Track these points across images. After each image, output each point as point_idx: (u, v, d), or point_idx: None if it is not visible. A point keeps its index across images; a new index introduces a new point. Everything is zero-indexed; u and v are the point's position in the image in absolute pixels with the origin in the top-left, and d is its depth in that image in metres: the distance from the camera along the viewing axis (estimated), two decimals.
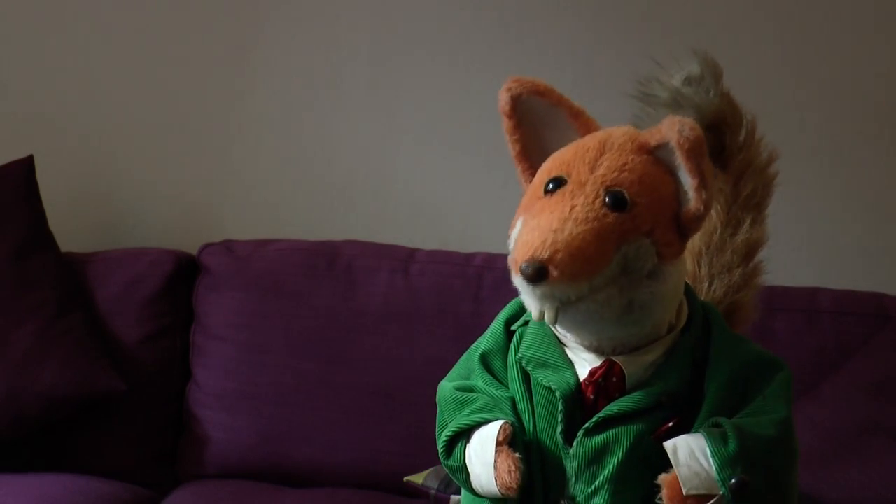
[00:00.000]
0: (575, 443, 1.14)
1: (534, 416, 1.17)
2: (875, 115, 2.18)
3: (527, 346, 1.20)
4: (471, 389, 1.22)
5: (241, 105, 2.35)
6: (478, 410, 1.18)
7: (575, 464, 1.14)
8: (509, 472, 1.12)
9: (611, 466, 1.13)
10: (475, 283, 2.02)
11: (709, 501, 1.09)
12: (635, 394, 1.14)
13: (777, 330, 1.92)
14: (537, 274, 1.06)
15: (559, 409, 1.15)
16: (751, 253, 1.35)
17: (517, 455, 1.13)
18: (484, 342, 1.26)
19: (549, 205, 1.11)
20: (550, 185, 1.14)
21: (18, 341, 1.97)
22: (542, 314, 1.10)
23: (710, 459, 1.09)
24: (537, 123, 1.19)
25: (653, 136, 1.14)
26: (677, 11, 2.22)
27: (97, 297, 2.08)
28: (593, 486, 1.13)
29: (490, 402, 1.19)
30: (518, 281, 1.10)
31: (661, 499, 1.10)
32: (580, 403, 1.15)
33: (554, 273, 1.06)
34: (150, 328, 2.08)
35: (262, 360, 2.03)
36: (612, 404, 1.14)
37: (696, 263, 1.34)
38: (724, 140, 1.34)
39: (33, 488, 1.86)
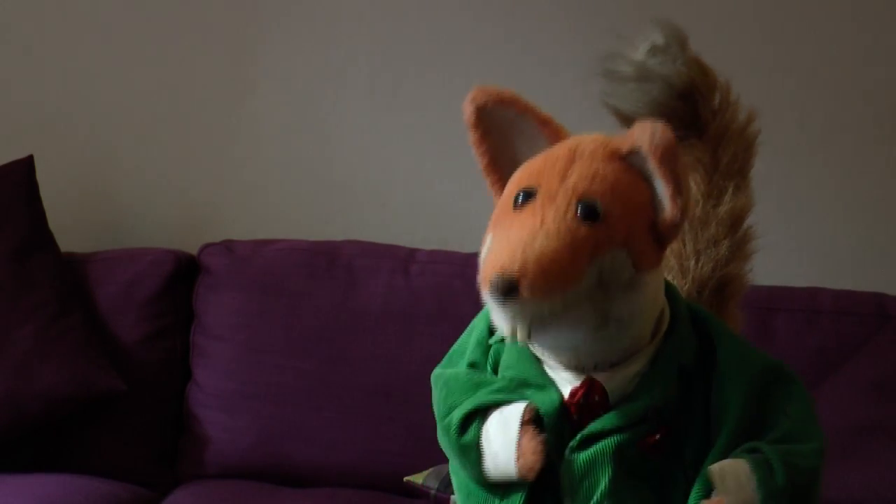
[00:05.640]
0: (564, 461, 1.11)
1: None
2: (875, 114, 2.18)
3: (506, 367, 1.17)
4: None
5: (241, 105, 2.35)
6: (498, 391, 1.15)
7: (566, 481, 1.11)
8: (534, 452, 1.09)
9: (604, 483, 1.10)
10: (475, 283, 2.01)
11: None
12: (619, 410, 1.11)
13: (777, 330, 1.92)
14: (507, 289, 1.02)
15: (546, 429, 1.11)
16: (737, 222, 1.28)
17: (542, 436, 1.10)
18: (470, 353, 1.23)
19: (520, 218, 1.07)
20: (520, 198, 1.09)
21: (18, 341, 1.97)
22: (514, 333, 1.06)
23: (756, 491, 1.07)
24: (505, 133, 1.14)
25: (624, 142, 1.09)
26: (673, 11, 2.22)
27: (97, 297, 2.08)
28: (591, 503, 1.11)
29: (508, 384, 1.16)
30: (488, 298, 1.07)
31: None
32: (566, 421, 1.12)
33: (524, 288, 1.02)
34: (150, 328, 2.08)
35: (262, 360, 2.03)
36: (596, 422, 1.10)
37: (681, 240, 1.27)
38: (697, 108, 1.28)
39: (33, 488, 1.86)
